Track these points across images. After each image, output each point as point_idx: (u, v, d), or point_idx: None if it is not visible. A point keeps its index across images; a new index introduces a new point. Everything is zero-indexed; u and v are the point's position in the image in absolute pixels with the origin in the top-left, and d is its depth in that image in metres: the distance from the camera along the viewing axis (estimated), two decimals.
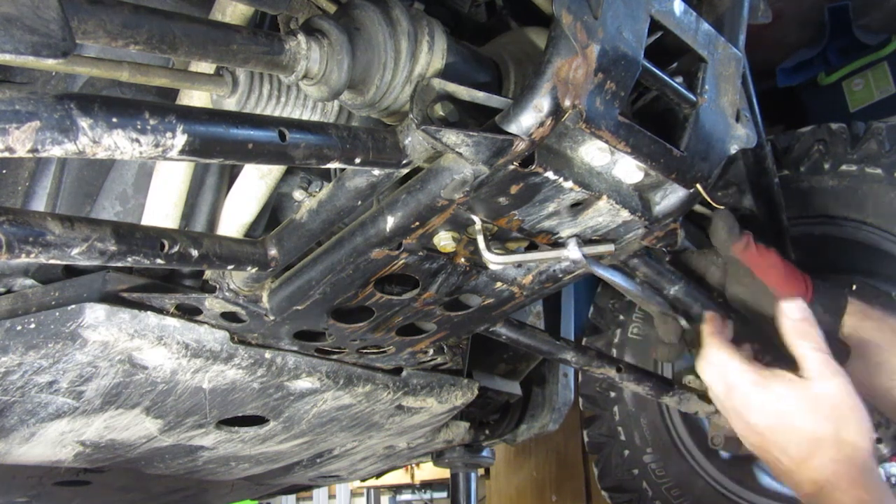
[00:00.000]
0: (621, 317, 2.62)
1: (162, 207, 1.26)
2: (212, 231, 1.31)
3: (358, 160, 0.94)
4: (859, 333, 1.39)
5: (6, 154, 0.70)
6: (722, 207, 1.43)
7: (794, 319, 1.24)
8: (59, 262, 0.90)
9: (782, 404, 1.19)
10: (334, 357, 1.56)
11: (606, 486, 2.70)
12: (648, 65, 0.98)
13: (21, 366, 1.30)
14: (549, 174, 0.98)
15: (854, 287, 2.21)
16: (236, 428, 1.74)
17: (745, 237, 1.41)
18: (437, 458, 2.65)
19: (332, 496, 8.50)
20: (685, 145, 1.06)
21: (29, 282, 1.35)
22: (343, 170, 1.08)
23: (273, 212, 1.40)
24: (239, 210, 1.29)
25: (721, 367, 1.27)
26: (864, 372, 1.40)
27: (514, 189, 1.00)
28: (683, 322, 1.50)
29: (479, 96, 0.94)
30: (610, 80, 0.93)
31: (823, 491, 1.14)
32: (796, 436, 1.17)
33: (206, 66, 1.11)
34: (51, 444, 1.64)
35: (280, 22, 1.13)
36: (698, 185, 1.10)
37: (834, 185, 2.21)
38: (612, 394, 2.70)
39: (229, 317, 1.35)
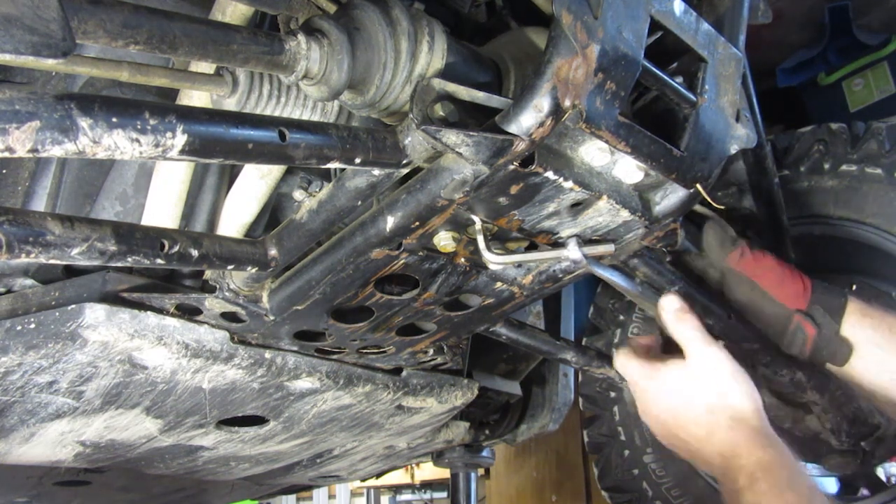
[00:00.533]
0: (621, 317, 2.61)
1: (162, 207, 1.26)
2: (212, 231, 1.31)
3: (358, 160, 0.94)
4: (859, 333, 1.39)
5: (6, 154, 0.70)
6: (721, 207, 1.42)
7: (669, 311, 1.29)
8: (59, 262, 0.90)
9: (673, 387, 1.24)
10: (334, 357, 1.56)
11: (606, 486, 2.69)
12: (648, 65, 0.98)
13: (21, 366, 1.30)
14: (549, 174, 0.98)
15: (854, 287, 2.21)
16: (236, 428, 1.74)
17: (739, 247, 1.41)
18: (437, 458, 2.65)
19: (332, 496, 8.50)
20: (685, 145, 1.06)
21: (29, 282, 1.35)
22: (343, 170, 1.08)
23: (273, 212, 1.40)
24: (239, 210, 1.29)
25: (623, 371, 1.33)
26: (863, 371, 1.40)
27: (514, 189, 1.00)
28: None
29: (479, 96, 0.94)
30: (610, 80, 0.93)
31: (729, 461, 1.17)
32: (692, 413, 1.22)
33: (206, 66, 1.11)
34: (51, 444, 1.64)
35: (280, 22, 1.13)
36: (698, 185, 1.10)
37: (834, 185, 2.20)
38: (612, 394, 2.70)
39: (229, 317, 1.35)
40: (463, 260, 1.20)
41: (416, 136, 0.96)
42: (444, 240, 1.11)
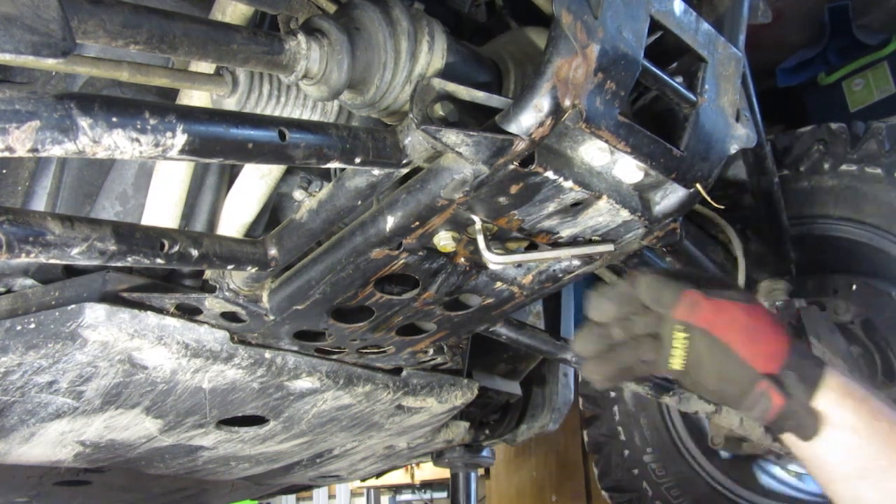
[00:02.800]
0: None
1: (162, 207, 1.26)
2: (212, 231, 1.31)
3: (358, 160, 0.94)
4: (836, 413, 1.15)
5: (6, 154, 0.70)
6: (721, 207, 1.39)
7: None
8: (59, 261, 0.90)
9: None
10: (334, 357, 1.56)
11: (606, 486, 2.70)
12: (648, 64, 0.98)
13: (21, 366, 1.30)
14: (549, 174, 0.98)
15: (854, 287, 2.21)
16: (236, 428, 1.74)
17: (688, 296, 1.11)
18: (437, 458, 2.65)
19: (332, 496, 8.49)
20: (685, 145, 1.06)
21: (29, 282, 1.35)
22: (343, 170, 1.08)
23: (273, 212, 1.40)
24: (239, 210, 1.29)
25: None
26: (828, 454, 1.16)
27: (514, 189, 1.00)
28: None
29: (479, 96, 0.94)
30: (610, 80, 0.93)
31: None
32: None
33: (206, 66, 1.11)
34: (51, 444, 1.64)
35: (280, 22, 1.13)
36: (698, 185, 1.10)
37: (834, 185, 2.21)
38: (612, 394, 2.70)
39: (229, 317, 1.35)
40: (463, 260, 1.20)
41: (415, 136, 0.96)
42: (444, 240, 1.11)
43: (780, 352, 1.14)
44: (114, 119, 0.74)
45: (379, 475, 2.80)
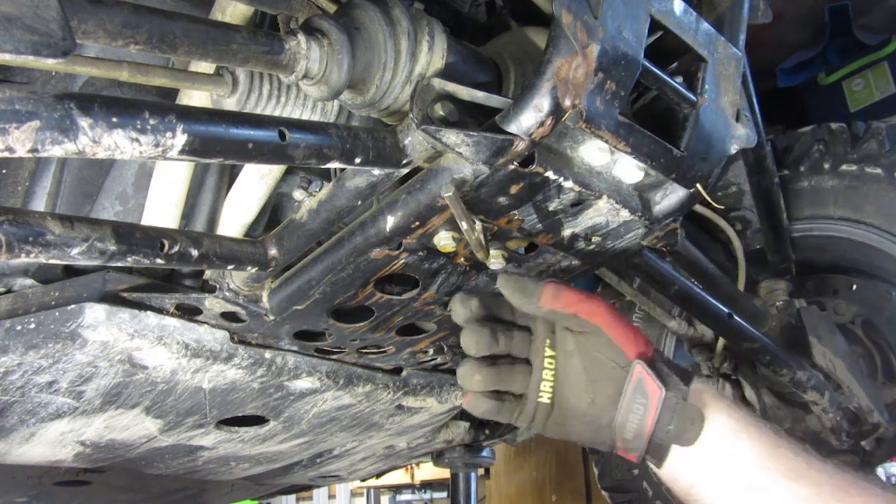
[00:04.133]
0: None
1: (162, 207, 1.26)
2: (212, 231, 1.31)
3: (358, 160, 0.94)
4: (714, 419, 0.99)
5: (6, 154, 0.70)
6: (721, 207, 1.39)
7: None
8: (59, 261, 0.90)
9: None
10: (334, 357, 1.56)
11: (606, 486, 2.70)
12: (648, 64, 0.98)
13: (21, 366, 1.30)
14: (549, 174, 0.98)
15: (854, 287, 2.21)
16: (236, 428, 1.74)
17: (548, 285, 1.03)
18: (437, 458, 2.65)
19: (332, 496, 8.49)
20: (685, 145, 1.06)
21: (29, 282, 1.34)
22: (343, 170, 1.08)
23: (273, 212, 1.40)
24: (239, 210, 1.29)
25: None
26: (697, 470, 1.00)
27: (514, 189, 1.00)
28: None
29: (479, 96, 0.94)
30: (610, 80, 0.93)
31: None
32: None
33: (206, 66, 1.11)
34: (51, 444, 1.64)
35: (280, 22, 1.13)
36: (698, 185, 1.10)
37: (834, 185, 2.21)
38: None
39: (229, 317, 1.34)
40: (463, 260, 1.20)
41: (416, 136, 0.96)
42: (444, 239, 1.11)
43: (649, 344, 1.02)
44: (114, 119, 0.74)
45: (379, 475, 2.80)
